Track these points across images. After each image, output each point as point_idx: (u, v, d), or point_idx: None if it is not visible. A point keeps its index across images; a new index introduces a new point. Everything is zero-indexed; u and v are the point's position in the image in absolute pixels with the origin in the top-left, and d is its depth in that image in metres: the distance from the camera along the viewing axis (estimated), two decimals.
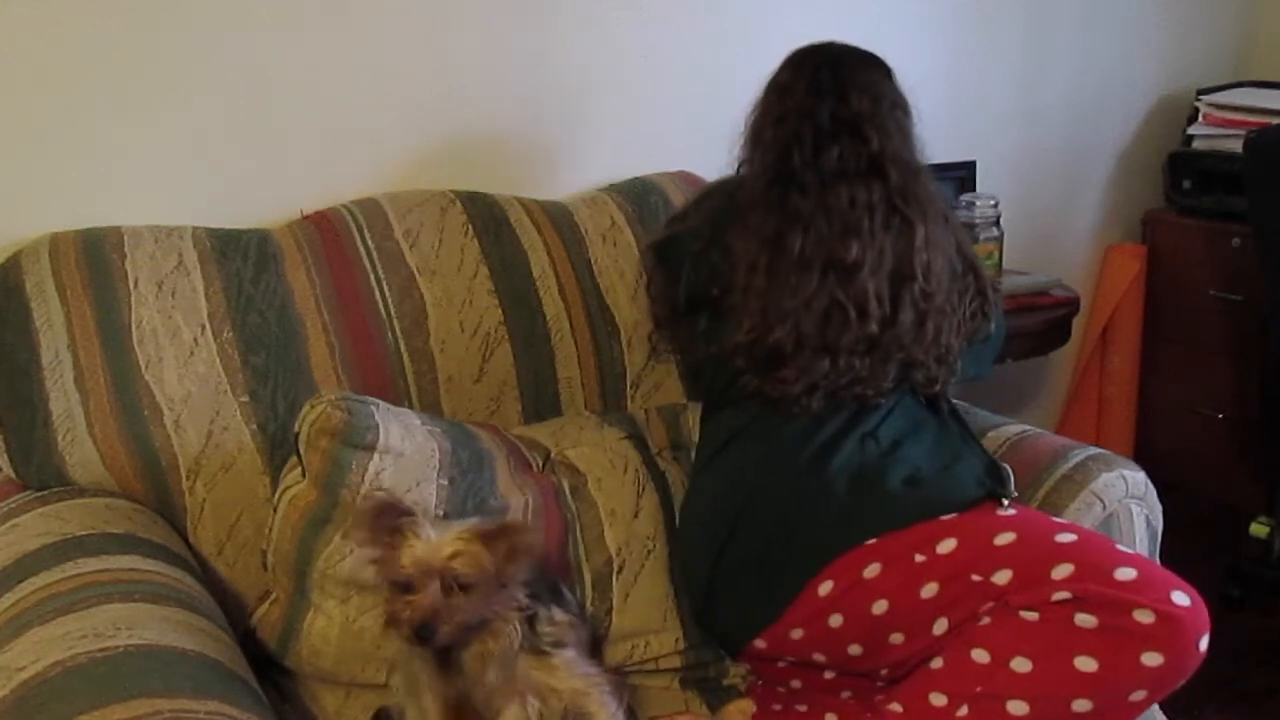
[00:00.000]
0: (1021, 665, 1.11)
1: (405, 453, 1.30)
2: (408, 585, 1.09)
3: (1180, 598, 1.11)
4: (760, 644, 1.33)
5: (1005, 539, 1.19)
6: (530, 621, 1.19)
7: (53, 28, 1.46)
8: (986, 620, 1.15)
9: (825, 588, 1.25)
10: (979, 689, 1.13)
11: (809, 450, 1.36)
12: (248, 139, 1.62)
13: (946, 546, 1.21)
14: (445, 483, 1.32)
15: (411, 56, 1.73)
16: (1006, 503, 1.29)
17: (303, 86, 1.64)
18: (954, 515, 1.25)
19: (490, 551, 1.11)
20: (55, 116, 1.48)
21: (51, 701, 0.93)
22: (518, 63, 1.83)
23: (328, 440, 1.25)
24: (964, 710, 1.13)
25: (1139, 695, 1.11)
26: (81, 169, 1.51)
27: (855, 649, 1.27)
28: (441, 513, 1.29)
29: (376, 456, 1.27)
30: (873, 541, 1.25)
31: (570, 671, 1.20)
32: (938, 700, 1.15)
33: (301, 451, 1.28)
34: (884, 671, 1.27)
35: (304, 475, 1.28)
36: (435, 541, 1.10)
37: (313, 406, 1.27)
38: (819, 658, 1.31)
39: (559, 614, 1.24)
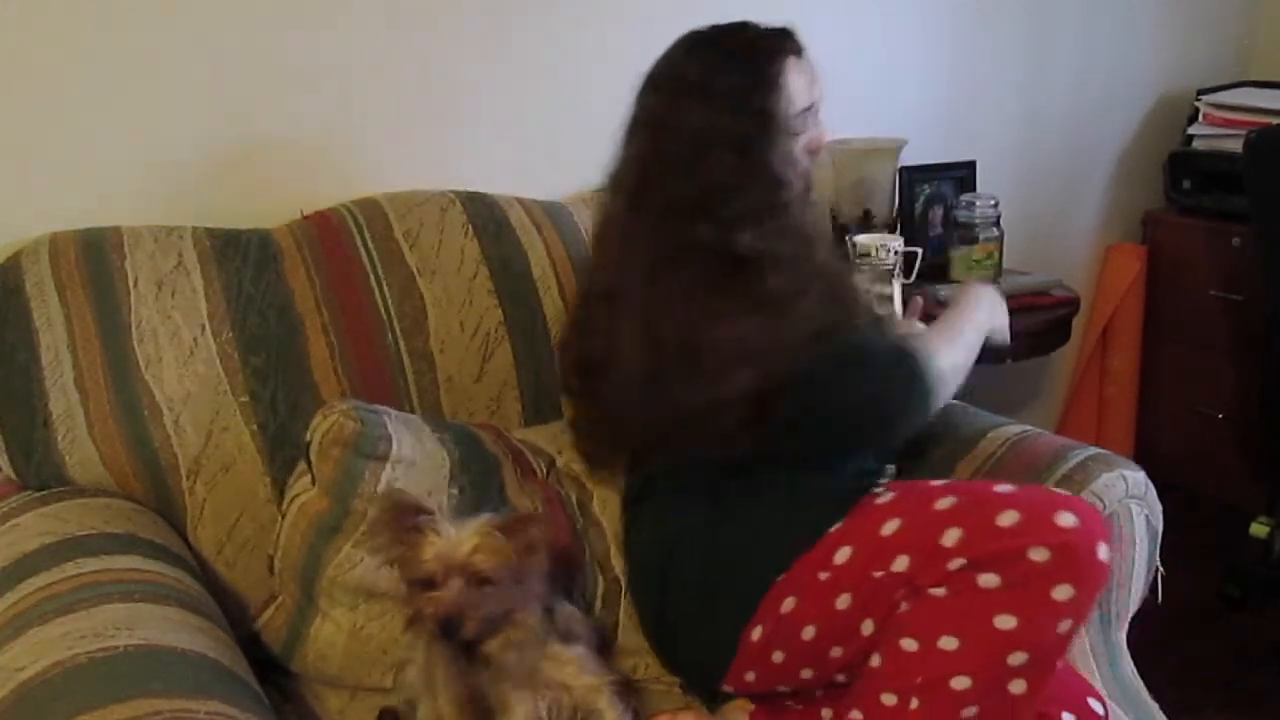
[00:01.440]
0: (949, 643, 1.10)
1: (416, 461, 1.30)
2: (430, 581, 1.09)
3: (1065, 519, 1.08)
4: (727, 688, 1.33)
5: (891, 527, 1.18)
6: (548, 614, 1.19)
7: (52, 28, 1.46)
8: (904, 607, 1.14)
9: (757, 633, 1.24)
10: (919, 679, 1.12)
11: (693, 507, 1.33)
12: (247, 139, 1.62)
13: (843, 555, 1.20)
14: (455, 491, 1.32)
15: (410, 57, 1.73)
16: (881, 486, 1.26)
17: (302, 86, 1.65)
18: (840, 524, 1.24)
19: (510, 544, 1.11)
20: (55, 117, 1.48)
21: (51, 702, 0.93)
22: (517, 63, 1.83)
23: (340, 450, 1.25)
24: (915, 704, 1.12)
25: (1065, 626, 1.10)
26: (81, 169, 1.51)
27: (807, 673, 1.26)
28: None
29: (389, 466, 1.27)
30: (782, 577, 1.23)
31: (582, 669, 1.20)
32: (889, 700, 1.14)
33: (313, 460, 1.28)
34: (840, 678, 1.26)
35: (314, 483, 1.28)
36: (456, 537, 1.09)
37: (325, 416, 1.27)
38: (783, 688, 1.31)
39: (572, 611, 1.25)
